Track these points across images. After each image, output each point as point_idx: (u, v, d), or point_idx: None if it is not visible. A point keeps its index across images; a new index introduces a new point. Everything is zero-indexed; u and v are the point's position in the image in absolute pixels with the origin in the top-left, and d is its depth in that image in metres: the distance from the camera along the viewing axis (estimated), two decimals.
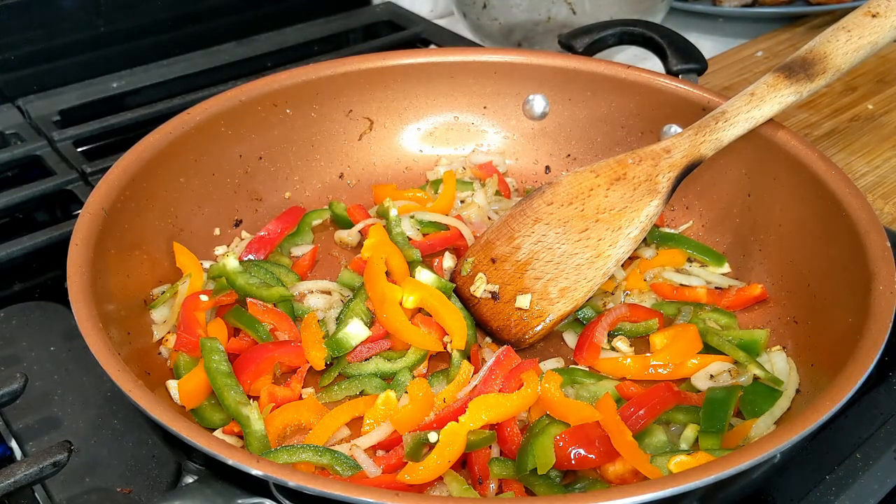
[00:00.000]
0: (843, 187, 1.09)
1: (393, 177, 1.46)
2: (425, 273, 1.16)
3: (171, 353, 1.08)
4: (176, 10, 1.86)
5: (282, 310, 1.13)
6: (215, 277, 1.15)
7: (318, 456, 0.93)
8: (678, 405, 1.01)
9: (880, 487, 0.95)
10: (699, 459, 0.89)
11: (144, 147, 1.18)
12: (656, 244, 1.28)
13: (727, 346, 1.08)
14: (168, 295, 1.13)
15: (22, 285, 1.32)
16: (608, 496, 0.71)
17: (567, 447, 0.92)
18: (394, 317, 1.10)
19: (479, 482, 0.94)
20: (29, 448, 1.01)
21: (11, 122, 1.66)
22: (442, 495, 0.90)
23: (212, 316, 1.13)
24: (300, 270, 1.25)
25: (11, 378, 0.95)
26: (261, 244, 1.27)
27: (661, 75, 1.36)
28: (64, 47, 1.74)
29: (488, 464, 0.94)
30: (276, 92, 1.35)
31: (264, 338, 1.09)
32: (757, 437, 0.96)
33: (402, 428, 0.97)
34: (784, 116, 1.80)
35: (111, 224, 1.07)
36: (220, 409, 1.00)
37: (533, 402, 0.99)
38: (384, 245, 1.22)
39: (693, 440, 0.98)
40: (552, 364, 1.10)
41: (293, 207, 1.35)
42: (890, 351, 0.91)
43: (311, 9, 2.05)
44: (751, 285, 1.20)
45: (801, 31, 2.17)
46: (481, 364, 1.08)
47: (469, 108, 1.48)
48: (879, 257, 0.99)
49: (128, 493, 0.96)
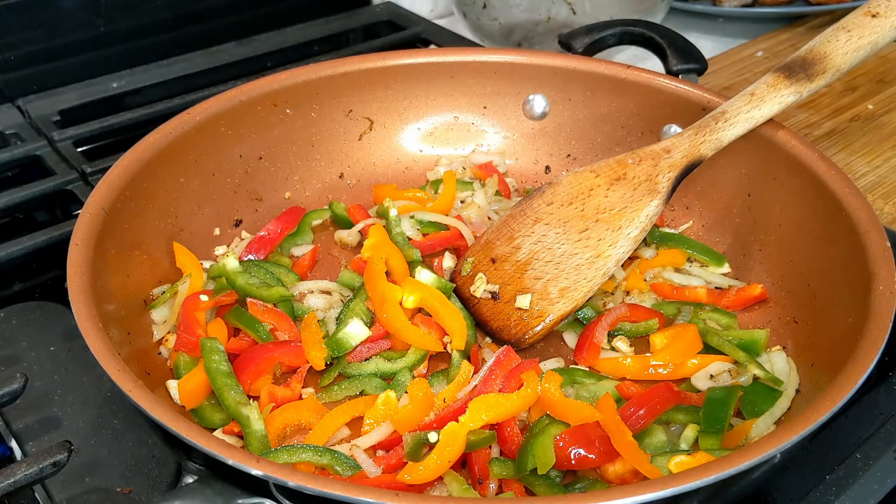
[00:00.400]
0: (843, 187, 1.09)
1: (393, 177, 1.46)
2: (425, 273, 1.16)
3: (171, 353, 1.08)
4: (176, 10, 1.86)
5: (282, 310, 1.13)
6: (215, 277, 1.15)
7: (318, 456, 0.93)
8: (678, 405, 1.01)
9: (880, 487, 0.95)
10: (699, 459, 0.89)
11: (144, 147, 1.18)
12: (656, 244, 1.28)
13: (727, 346, 1.08)
14: (168, 295, 1.13)
15: (22, 285, 1.32)
16: (608, 496, 0.71)
17: (567, 447, 0.92)
18: (394, 317, 1.10)
19: (479, 482, 0.94)
20: (29, 448, 1.01)
21: (11, 122, 1.66)
22: (442, 495, 0.91)
23: (212, 316, 1.13)
24: (300, 270, 1.25)
25: (11, 378, 0.95)
26: (261, 244, 1.27)
27: (661, 75, 1.36)
28: (64, 47, 1.74)
29: (488, 464, 0.94)
30: (276, 92, 1.35)
31: (264, 338, 1.09)
32: (757, 437, 0.96)
33: (402, 428, 0.97)
34: (784, 116, 1.80)
35: (111, 224, 1.07)
36: (220, 409, 1.00)
37: (533, 402, 0.99)
38: (384, 245, 1.22)
39: (693, 440, 0.98)
40: (552, 364, 1.10)
41: (293, 207, 1.35)
42: (890, 351, 0.91)
43: (311, 9, 2.05)
44: (751, 285, 1.20)
45: (801, 31, 2.17)
46: (481, 364, 1.08)
47: (469, 108, 1.48)
48: (879, 257, 0.99)
49: (128, 493, 0.96)
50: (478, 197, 1.37)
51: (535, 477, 0.92)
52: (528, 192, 1.36)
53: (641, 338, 1.15)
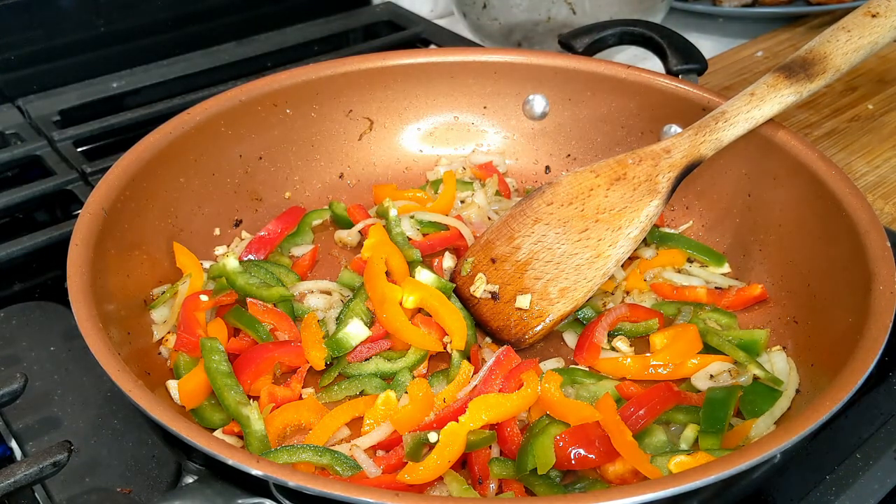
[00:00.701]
0: (843, 187, 1.09)
1: (393, 177, 1.46)
2: (425, 273, 1.16)
3: (171, 353, 1.08)
4: (176, 10, 1.86)
5: (282, 310, 1.13)
6: (215, 277, 1.15)
7: (317, 456, 0.93)
8: (678, 405, 1.01)
9: (880, 487, 0.95)
10: (699, 459, 0.89)
11: (144, 147, 1.18)
12: (656, 244, 1.28)
13: (727, 347, 1.08)
14: (168, 295, 1.13)
15: (22, 285, 1.32)
16: (608, 496, 0.71)
17: (567, 447, 0.92)
18: (394, 317, 1.10)
19: (479, 482, 0.94)
20: (29, 448, 1.01)
21: (11, 122, 1.66)
22: (442, 495, 0.91)
23: (212, 316, 1.13)
24: (300, 270, 1.25)
25: (11, 378, 0.95)
26: (261, 244, 1.27)
27: (661, 75, 1.36)
28: (64, 47, 1.74)
29: (488, 464, 0.94)
30: (276, 92, 1.35)
31: (264, 338, 1.09)
32: (757, 437, 0.96)
33: (402, 428, 0.97)
34: (784, 116, 1.80)
35: (111, 224, 1.07)
36: (220, 409, 1.00)
37: (533, 401, 0.99)
38: (384, 245, 1.22)
39: (693, 440, 0.98)
40: (552, 364, 1.10)
41: (293, 207, 1.35)
42: (890, 351, 0.91)
43: (311, 9, 2.05)
44: (751, 285, 1.20)
45: (801, 31, 2.17)
46: (481, 364, 1.08)
47: (469, 108, 1.48)
48: (879, 257, 0.99)
49: (128, 493, 0.96)
50: (478, 197, 1.37)
51: (534, 477, 0.92)
52: (528, 192, 1.36)
53: (641, 338, 1.15)
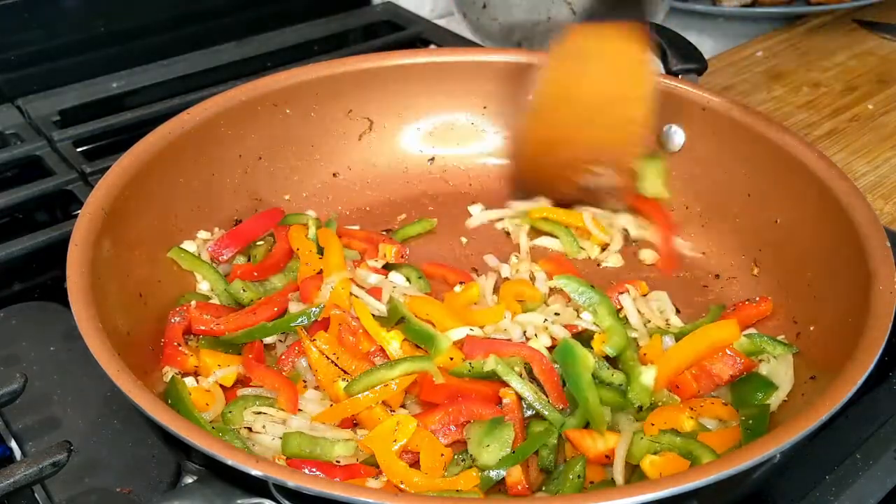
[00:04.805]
0: (843, 187, 1.09)
1: (393, 177, 1.46)
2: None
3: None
4: (176, 10, 1.85)
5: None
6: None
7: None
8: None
9: (880, 487, 0.95)
10: (670, 460, 0.90)
11: (144, 147, 1.18)
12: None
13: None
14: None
15: (22, 285, 1.32)
16: (608, 496, 0.71)
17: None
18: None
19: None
20: (29, 448, 1.01)
21: (11, 122, 1.66)
22: (442, 495, 0.90)
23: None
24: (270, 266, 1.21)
25: (11, 378, 0.95)
26: (232, 239, 1.23)
27: (661, 75, 1.36)
28: (64, 47, 1.74)
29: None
30: (276, 92, 1.35)
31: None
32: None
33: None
34: (784, 116, 1.81)
35: (111, 224, 1.07)
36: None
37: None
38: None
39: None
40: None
41: (273, 209, 1.31)
42: (890, 351, 0.91)
43: (311, 9, 2.05)
44: (759, 301, 1.16)
45: (801, 31, 2.17)
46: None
47: (469, 108, 1.48)
48: (879, 257, 0.99)
49: (128, 493, 0.96)
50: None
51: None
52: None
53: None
